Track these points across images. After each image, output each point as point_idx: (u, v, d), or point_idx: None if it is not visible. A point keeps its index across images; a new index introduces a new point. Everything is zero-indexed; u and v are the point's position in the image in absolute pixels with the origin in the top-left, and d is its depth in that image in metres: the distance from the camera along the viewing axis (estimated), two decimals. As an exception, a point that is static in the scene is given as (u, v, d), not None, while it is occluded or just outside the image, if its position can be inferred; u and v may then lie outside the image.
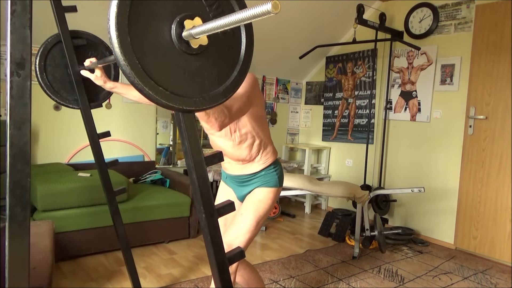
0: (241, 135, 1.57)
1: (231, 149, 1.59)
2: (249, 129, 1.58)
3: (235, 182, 1.70)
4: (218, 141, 1.62)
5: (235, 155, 1.61)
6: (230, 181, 1.73)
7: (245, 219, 1.55)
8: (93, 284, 2.30)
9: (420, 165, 3.55)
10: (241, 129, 1.57)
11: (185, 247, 3.00)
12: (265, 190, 1.61)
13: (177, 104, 0.77)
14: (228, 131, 1.56)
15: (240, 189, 1.69)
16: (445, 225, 3.35)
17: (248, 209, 1.57)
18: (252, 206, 1.58)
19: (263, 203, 1.60)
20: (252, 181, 1.63)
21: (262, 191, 1.61)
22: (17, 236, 0.73)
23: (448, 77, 3.33)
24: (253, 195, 1.62)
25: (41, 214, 2.47)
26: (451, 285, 2.54)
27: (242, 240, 1.52)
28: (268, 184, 1.62)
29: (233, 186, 1.73)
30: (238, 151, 1.59)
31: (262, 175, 1.62)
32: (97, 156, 1.80)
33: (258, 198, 1.60)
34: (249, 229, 1.53)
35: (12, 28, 0.70)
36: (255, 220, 1.55)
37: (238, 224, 1.54)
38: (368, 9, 3.64)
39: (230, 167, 1.68)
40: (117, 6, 0.69)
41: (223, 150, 1.61)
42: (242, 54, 0.88)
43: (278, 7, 0.61)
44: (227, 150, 1.60)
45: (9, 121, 0.71)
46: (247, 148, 1.59)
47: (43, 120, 3.14)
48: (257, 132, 1.61)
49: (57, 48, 1.71)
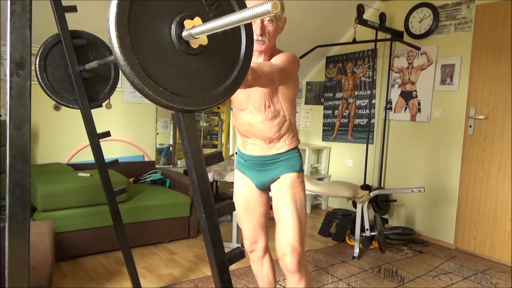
0: (275, 110, 1.55)
1: (261, 124, 1.56)
2: (282, 107, 1.56)
3: (257, 165, 1.65)
4: (247, 116, 1.58)
5: (264, 132, 1.57)
6: (250, 167, 1.68)
7: (293, 216, 1.53)
8: (93, 284, 2.30)
9: (420, 165, 3.55)
10: (275, 104, 1.55)
11: (185, 247, 3.00)
12: (293, 175, 1.59)
13: (177, 104, 0.77)
14: (262, 105, 1.53)
15: (260, 174, 1.65)
16: (445, 225, 3.35)
17: (287, 203, 1.55)
18: (289, 197, 1.56)
19: (297, 188, 1.58)
20: (276, 165, 1.60)
21: (290, 177, 1.59)
22: (17, 236, 0.73)
23: (448, 77, 3.33)
24: (283, 185, 1.58)
25: (41, 214, 2.47)
26: (451, 285, 2.54)
27: (300, 236, 1.55)
28: (294, 168, 1.60)
29: (252, 172, 1.68)
30: (268, 128, 1.56)
31: (286, 158, 1.60)
32: (97, 156, 1.80)
33: (290, 186, 1.57)
34: (300, 224, 1.54)
35: (12, 28, 0.70)
36: (299, 211, 1.55)
37: (288, 224, 1.53)
38: (368, 9, 3.64)
39: (254, 148, 1.63)
40: (117, 6, 0.69)
41: (252, 126, 1.58)
42: (242, 54, 0.88)
43: (278, 7, 0.61)
44: (257, 126, 1.57)
45: (9, 121, 0.71)
46: (277, 125, 1.57)
47: (43, 120, 3.14)
48: (289, 113, 1.59)
49: (57, 48, 1.71)
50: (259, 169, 1.64)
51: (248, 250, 1.79)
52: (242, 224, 1.76)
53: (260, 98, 1.54)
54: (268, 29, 1.49)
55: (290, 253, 1.53)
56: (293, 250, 1.54)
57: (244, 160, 1.70)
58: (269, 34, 1.50)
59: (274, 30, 1.51)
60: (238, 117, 1.64)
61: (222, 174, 3.47)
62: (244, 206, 1.72)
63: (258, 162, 1.63)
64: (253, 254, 1.79)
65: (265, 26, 1.49)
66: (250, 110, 1.56)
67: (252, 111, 1.56)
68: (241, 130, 1.66)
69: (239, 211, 1.75)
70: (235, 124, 1.71)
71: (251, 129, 1.60)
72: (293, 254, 1.54)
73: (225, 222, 3.68)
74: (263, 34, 1.49)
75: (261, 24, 1.48)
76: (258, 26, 1.47)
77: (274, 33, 1.52)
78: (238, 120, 1.65)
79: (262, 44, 1.51)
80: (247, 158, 1.67)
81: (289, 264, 1.54)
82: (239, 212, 1.75)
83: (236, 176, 1.78)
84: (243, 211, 1.73)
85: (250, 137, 1.63)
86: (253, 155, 1.64)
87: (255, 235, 1.74)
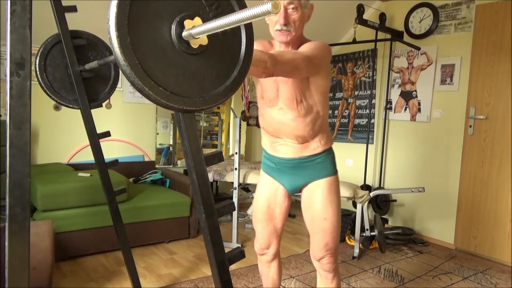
0: (308, 105, 1.44)
1: (293, 122, 1.45)
2: (315, 102, 1.45)
3: (289, 168, 1.54)
4: (277, 114, 1.47)
5: (296, 131, 1.46)
6: (281, 170, 1.57)
7: (333, 221, 1.51)
8: (93, 284, 2.30)
9: (420, 165, 3.55)
10: (307, 99, 1.44)
11: (185, 247, 3.00)
12: (331, 180, 1.52)
13: (177, 104, 0.77)
14: (294, 100, 1.42)
15: (293, 178, 1.55)
16: (445, 225, 3.34)
17: (326, 209, 1.50)
18: (328, 202, 1.51)
19: (335, 192, 1.52)
20: (311, 167, 1.51)
21: (328, 181, 1.51)
22: (17, 236, 0.73)
23: (448, 77, 3.32)
24: (320, 190, 1.51)
25: (41, 214, 2.47)
26: (451, 285, 2.54)
27: (338, 239, 1.55)
28: (331, 171, 1.53)
29: (284, 176, 1.57)
30: (301, 125, 1.45)
31: (322, 160, 1.51)
32: (97, 156, 1.80)
33: (329, 190, 1.51)
34: (338, 228, 1.53)
35: (12, 28, 0.70)
36: (337, 215, 1.52)
37: (327, 229, 1.51)
38: (368, 9, 3.64)
39: (285, 149, 1.52)
40: (117, 6, 0.69)
41: (282, 125, 1.48)
42: (242, 54, 0.88)
43: (278, 7, 0.61)
44: (288, 124, 1.46)
45: (9, 121, 0.71)
46: (311, 122, 1.46)
47: (43, 120, 3.14)
48: (322, 108, 1.48)
49: (57, 48, 1.71)
50: (292, 172, 1.54)
51: (258, 253, 1.74)
52: (257, 227, 1.69)
53: (291, 92, 1.42)
54: (293, 18, 1.39)
55: (329, 256, 1.55)
56: (332, 253, 1.55)
57: (275, 163, 1.58)
58: (294, 23, 1.39)
59: (299, 18, 1.40)
60: (267, 115, 1.52)
61: (222, 174, 3.47)
62: (264, 211, 1.64)
63: (291, 164, 1.53)
64: (262, 257, 1.73)
65: (289, 15, 1.38)
66: (281, 107, 1.46)
67: (283, 107, 1.45)
68: (271, 130, 1.54)
69: (257, 215, 1.67)
70: (263, 124, 1.58)
71: (282, 128, 1.49)
72: (332, 257, 1.55)
73: (225, 222, 3.68)
74: (287, 24, 1.38)
75: (284, 13, 1.37)
76: (282, 15, 1.37)
77: (300, 21, 1.41)
78: (267, 119, 1.53)
79: (288, 35, 1.40)
80: (278, 160, 1.56)
81: (326, 265, 1.56)
82: (257, 216, 1.67)
83: (262, 179, 1.67)
84: (262, 215, 1.65)
85: (280, 137, 1.52)
86: (285, 157, 1.53)
87: (268, 241, 1.67)
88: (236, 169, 2.96)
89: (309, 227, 1.59)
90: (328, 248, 1.54)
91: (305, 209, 1.58)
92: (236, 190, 2.99)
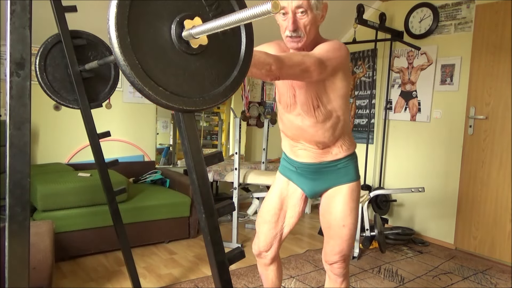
0: (326, 112, 1.38)
1: (311, 128, 1.40)
2: (334, 107, 1.39)
3: (310, 173, 1.49)
4: (295, 119, 1.42)
5: (316, 137, 1.41)
6: (301, 174, 1.52)
7: (350, 228, 1.49)
8: (93, 284, 2.30)
9: (420, 165, 3.55)
10: (326, 105, 1.37)
11: (185, 247, 3.00)
12: (353, 186, 1.47)
13: (177, 104, 0.77)
14: (311, 106, 1.36)
15: (314, 183, 1.50)
16: (445, 225, 3.34)
17: (345, 216, 1.47)
18: (348, 209, 1.47)
19: (355, 199, 1.49)
20: (333, 173, 1.47)
21: (349, 188, 1.47)
22: (17, 236, 0.73)
23: (448, 77, 3.32)
24: (341, 196, 1.47)
25: (41, 214, 2.47)
26: (451, 285, 2.54)
27: (352, 245, 1.53)
28: (353, 177, 1.48)
29: (304, 180, 1.53)
30: (321, 131, 1.40)
31: (344, 166, 1.46)
32: (97, 156, 1.80)
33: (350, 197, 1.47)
34: (354, 234, 1.51)
35: (12, 28, 0.70)
36: (355, 222, 1.50)
37: (344, 235, 1.49)
38: (368, 9, 3.64)
39: (305, 154, 1.47)
40: (117, 6, 0.69)
41: (302, 131, 1.43)
42: (242, 54, 0.88)
43: (278, 7, 0.61)
44: (307, 130, 1.41)
45: (9, 121, 0.71)
46: (331, 128, 1.40)
47: (43, 120, 3.14)
48: (343, 112, 1.42)
49: (57, 48, 1.71)
50: (313, 177, 1.50)
51: (256, 255, 1.67)
52: (261, 228, 1.61)
53: (307, 97, 1.36)
54: (303, 23, 1.30)
55: (341, 262, 1.53)
56: (345, 258, 1.53)
57: (295, 168, 1.53)
58: (305, 28, 1.31)
59: (311, 21, 1.31)
60: (286, 120, 1.47)
61: (222, 174, 3.47)
62: (276, 212, 1.57)
63: (312, 169, 1.49)
64: (260, 260, 1.67)
65: (299, 20, 1.30)
66: (299, 113, 1.40)
67: (301, 113, 1.39)
68: (290, 135, 1.51)
69: (265, 215, 1.60)
70: (282, 128, 1.53)
71: (302, 134, 1.44)
72: (344, 262, 1.54)
73: (225, 222, 3.68)
74: (297, 29, 1.30)
75: (293, 18, 1.28)
76: (290, 21, 1.29)
77: (311, 24, 1.32)
78: (286, 124, 1.48)
79: (299, 41, 1.33)
80: (299, 165, 1.51)
81: (337, 269, 1.55)
82: (265, 216, 1.59)
83: (278, 180, 1.60)
84: (272, 216, 1.58)
85: (300, 142, 1.48)
86: (305, 162, 1.48)
87: (270, 243, 1.60)
88: (236, 169, 2.96)
89: (325, 231, 1.55)
90: (342, 254, 1.52)
91: (324, 213, 1.54)
92: (236, 190, 2.99)
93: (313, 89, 1.35)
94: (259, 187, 3.68)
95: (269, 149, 3.88)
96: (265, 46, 1.47)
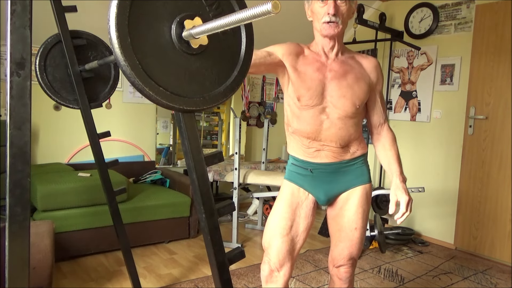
0: (360, 107, 1.38)
1: (340, 122, 1.37)
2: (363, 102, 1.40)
3: (327, 174, 1.42)
4: (320, 114, 1.37)
5: (341, 132, 1.37)
6: (316, 178, 1.43)
7: (361, 231, 1.47)
8: (93, 284, 2.30)
9: (420, 165, 3.55)
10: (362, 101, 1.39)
11: (185, 247, 3.00)
12: (367, 188, 1.46)
13: (177, 104, 0.77)
14: (348, 100, 1.35)
15: (330, 186, 1.44)
16: (445, 225, 3.35)
17: (358, 219, 1.45)
18: (361, 212, 1.45)
19: (368, 202, 1.47)
20: (349, 173, 1.44)
21: (364, 189, 1.46)
22: (17, 236, 0.73)
23: (448, 77, 3.33)
24: (355, 199, 1.45)
25: (41, 214, 2.47)
26: (451, 285, 2.54)
27: (361, 249, 1.51)
28: (367, 178, 1.48)
29: (319, 185, 1.44)
30: (348, 126, 1.38)
31: (359, 165, 1.46)
32: (97, 156, 1.80)
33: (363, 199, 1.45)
34: (364, 237, 1.49)
35: (12, 28, 0.70)
36: (366, 225, 1.49)
37: (354, 239, 1.47)
38: (368, 9, 3.64)
39: (323, 153, 1.40)
40: (117, 6, 0.69)
41: (326, 126, 1.37)
42: (242, 54, 0.88)
43: (278, 7, 0.61)
44: (335, 125, 1.37)
45: (9, 121, 0.71)
46: (357, 124, 1.39)
47: (43, 120, 3.14)
48: (362, 110, 1.42)
49: (57, 48, 1.71)
50: (329, 179, 1.43)
51: (266, 276, 1.43)
52: (272, 242, 1.42)
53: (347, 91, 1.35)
54: (341, 10, 1.28)
55: (349, 265, 1.50)
56: (353, 262, 1.51)
57: (310, 170, 1.43)
58: (342, 16, 1.29)
59: (347, 11, 1.30)
60: (307, 116, 1.37)
61: (222, 174, 3.47)
62: (286, 223, 1.42)
63: (330, 170, 1.42)
64: (271, 284, 1.43)
65: (338, 6, 1.28)
66: (326, 105, 1.34)
67: (329, 106, 1.34)
68: (308, 132, 1.39)
69: (275, 229, 1.42)
70: (298, 126, 1.41)
71: (325, 130, 1.36)
72: (351, 267, 1.51)
73: (225, 222, 3.68)
74: (336, 14, 1.27)
75: (334, 2, 1.26)
76: (332, 5, 1.26)
77: (347, 15, 1.31)
78: (306, 119, 1.37)
79: (336, 27, 1.29)
80: (315, 166, 1.42)
81: (343, 273, 1.52)
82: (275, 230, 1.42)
83: (286, 189, 1.47)
84: (283, 228, 1.41)
85: (319, 140, 1.39)
86: (323, 162, 1.41)
87: (283, 259, 1.41)
88: (236, 169, 2.96)
89: (335, 234, 1.50)
90: (350, 258, 1.49)
91: (335, 217, 1.50)
92: (236, 190, 2.99)
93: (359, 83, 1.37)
94: (259, 187, 3.68)
95: (269, 149, 3.88)
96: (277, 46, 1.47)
